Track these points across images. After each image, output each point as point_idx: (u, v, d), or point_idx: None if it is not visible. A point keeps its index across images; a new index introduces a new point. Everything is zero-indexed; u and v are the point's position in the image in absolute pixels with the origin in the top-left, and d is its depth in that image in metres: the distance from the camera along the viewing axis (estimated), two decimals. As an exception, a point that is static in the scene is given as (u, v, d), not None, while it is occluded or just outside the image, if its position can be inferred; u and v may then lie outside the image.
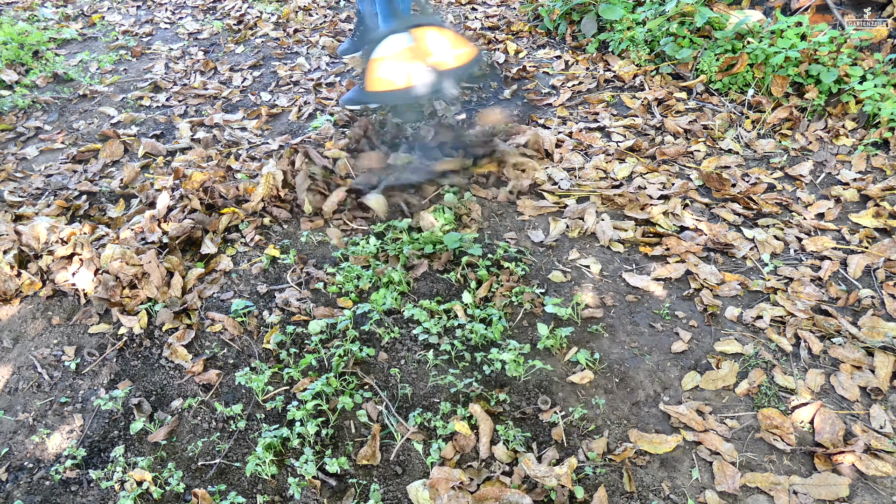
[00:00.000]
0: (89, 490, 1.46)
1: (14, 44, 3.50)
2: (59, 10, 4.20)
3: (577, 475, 1.46)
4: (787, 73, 2.79)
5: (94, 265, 1.96)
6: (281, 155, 2.49)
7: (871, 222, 2.20)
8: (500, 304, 1.89)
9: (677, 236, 2.13)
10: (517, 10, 4.06)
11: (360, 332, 1.83)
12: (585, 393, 1.66)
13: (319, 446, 1.54)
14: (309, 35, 3.82)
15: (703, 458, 1.50)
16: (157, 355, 1.79)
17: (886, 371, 1.67)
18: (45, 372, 1.74)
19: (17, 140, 2.83)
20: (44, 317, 1.90)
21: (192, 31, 3.96)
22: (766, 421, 1.57)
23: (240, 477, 1.49)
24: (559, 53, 3.44)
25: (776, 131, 2.72)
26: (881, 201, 2.28)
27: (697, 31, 3.13)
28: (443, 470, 1.44)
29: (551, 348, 1.77)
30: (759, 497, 1.42)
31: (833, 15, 3.04)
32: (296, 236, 2.20)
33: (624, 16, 3.31)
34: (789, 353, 1.75)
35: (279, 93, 3.20)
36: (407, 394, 1.66)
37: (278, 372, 1.72)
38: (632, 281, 1.98)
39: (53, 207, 2.29)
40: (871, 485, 1.44)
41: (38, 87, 3.27)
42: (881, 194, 2.31)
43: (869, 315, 1.83)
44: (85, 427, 1.60)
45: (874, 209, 2.24)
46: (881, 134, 2.55)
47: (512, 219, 2.25)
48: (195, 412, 1.63)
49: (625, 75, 3.13)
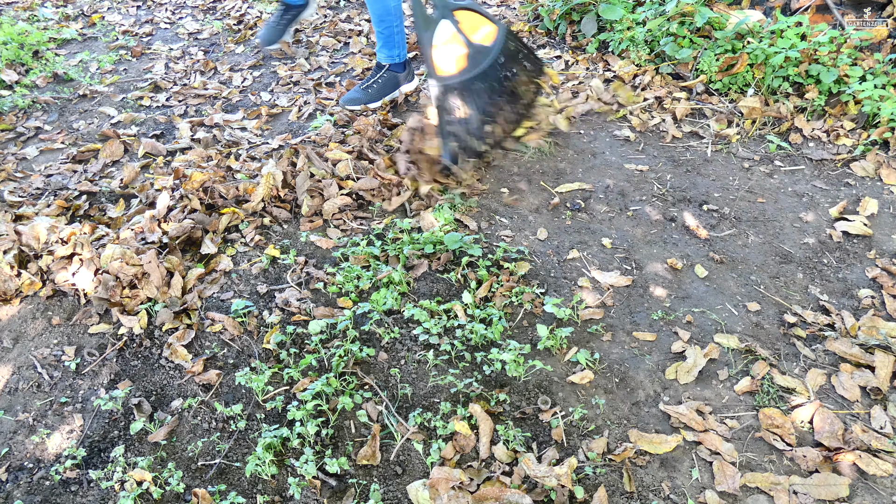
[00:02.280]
0: (89, 490, 1.46)
1: (14, 44, 3.50)
2: (59, 10, 4.20)
3: (577, 475, 1.46)
4: (787, 73, 2.79)
5: (94, 265, 1.96)
6: (281, 155, 2.49)
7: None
8: (500, 304, 1.89)
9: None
10: (517, 10, 4.06)
11: (360, 332, 1.83)
12: (585, 393, 1.66)
13: (319, 446, 1.54)
14: (309, 35, 3.82)
15: (703, 458, 1.50)
16: (157, 355, 1.79)
17: (886, 371, 1.67)
18: (45, 372, 1.74)
19: (17, 140, 2.83)
20: (44, 317, 1.90)
21: (192, 31, 3.96)
22: (766, 420, 1.57)
23: (240, 477, 1.49)
24: (559, 53, 3.44)
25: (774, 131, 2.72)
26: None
27: (697, 31, 3.13)
28: (443, 470, 1.44)
29: (551, 348, 1.77)
30: (759, 497, 1.42)
31: (833, 15, 3.04)
32: (296, 236, 2.20)
33: (624, 16, 3.31)
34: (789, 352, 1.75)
35: (279, 93, 3.20)
36: (407, 394, 1.66)
37: (278, 372, 1.72)
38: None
39: (53, 207, 2.29)
40: (872, 485, 1.44)
41: (38, 87, 3.27)
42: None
43: (869, 315, 1.84)
44: (85, 427, 1.60)
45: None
46: (881, 134, 2.55)
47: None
48: (195, 412, 1.63)
49: (625, 75, 3.13)
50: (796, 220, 2.25)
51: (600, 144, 2.68)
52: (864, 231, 2.16)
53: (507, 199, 2.34)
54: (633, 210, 2.31)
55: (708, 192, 2.39)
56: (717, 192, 2.38)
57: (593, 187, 2.42)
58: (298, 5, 3.50)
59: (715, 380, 1.69)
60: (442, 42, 2.22)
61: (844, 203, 2.28)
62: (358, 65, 3.41)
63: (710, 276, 2.02)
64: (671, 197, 2.36)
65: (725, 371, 1.71)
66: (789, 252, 2.11)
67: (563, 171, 2.50)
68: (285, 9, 3.49)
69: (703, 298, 1.94)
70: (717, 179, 2.46)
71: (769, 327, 1.84)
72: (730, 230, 2.21)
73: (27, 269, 1.99)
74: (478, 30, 2.28)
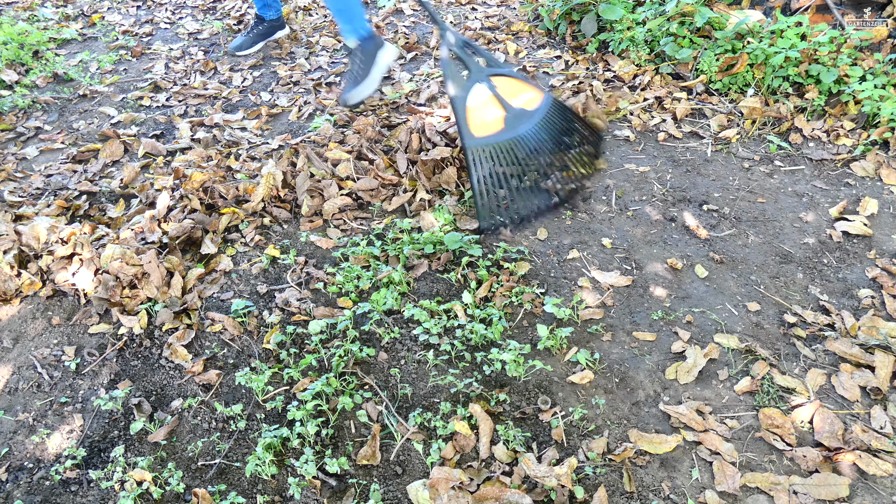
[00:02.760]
0: (89, 490, 1.46)
1: (14, 44, 3.50)
2: (59, 10, 4.20)
3: (577, 475, 1.46)
4: (787, 73, 2.79)
5: (95, 265, 1.96)
6: (281, 155, 2.49)
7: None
8: (500, 304, 1.89)
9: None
10: (517, 10, 4.06)
11: (360, 332, 1.83)
12: (585, 393, 1.66)
13: (319, 446, 1.54)
14: (309, 35, 3.82)
15: (703, 458, 1.50)
16: (157, 355, 1.79)
17: (886, 371, 1.67)
18: (45, 372, 1.74)
19: (17, 140, 2.83)
20: (44, 317, 1.90)
21: (192, 31, 3.96)
22: (766, 420, 1.57)
23: (240, 477, 1.49)
24: (559, 53, 3.44)
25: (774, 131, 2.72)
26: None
27: (697, 31, 3.13)
28: (443, 470, 1.44)
29: (551, 348, 1.77)
30: (759, 497, 1.42)
31: (833, 15, 3.04)
32: (296, 236, 2.20)
33: (624, 16, 3.31)
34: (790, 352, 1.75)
35: (279, 93, 3.20)
36: (407, 394, 1.66)
37: (278, 372, 1.72)
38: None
39: (53, 207, 2.29)
40: (872, 485, 1.44)
41: (38, 87, 3.27)
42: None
43: (869, 315, 1.84)
44: (85, 427, 1.60)
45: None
46: (881, 134, 2.55)
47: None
48: (195, 412, 1.63)
49: (625, 75, 3.13)
50: (796, 220, 2.25)
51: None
52: (864, 231, 2.16)
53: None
54: (633, 210, 2.31)
55: (708, 192, 2.39)
56: (717, 192, 2.38)
57: (593, 187, 2.42)
58: (272, 20, 3.53)
59: (715, 380, 1.69)
60: (476, 104, 2.11)
61: (844, 203, 2.28)
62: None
63: (710, 276, 2.02)
64: (671, 197, 2.36)
65: (725, 371, 1.71)
66: (789, 252, 2.11)
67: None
68: (258, 20, 3.53)
69: (703, 298, 1.94)
70: (717, 179, 2.46)
71: (769, 327, 1.84)
72: (730, 230, 2.21)
73: (27, 269, 1.99)
74: (518, 95, 2.17)
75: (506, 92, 2.15)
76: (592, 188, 2.39)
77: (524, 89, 2.19)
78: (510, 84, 2.18)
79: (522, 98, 2.17)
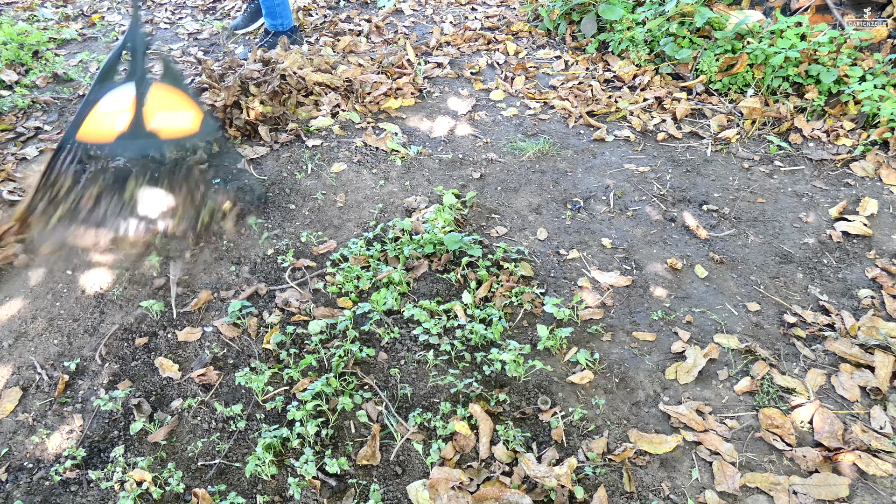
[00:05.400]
0: (89, 490, 1.46)
1: (14, 44, 3.50)
2: (59, 10, 4.20)
3: (576, 475, 1.46)
4: (787, 73, 2.79)
5: (94, 265, 1.96)
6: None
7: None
8: (499, 305, 1.89)
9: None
10: (517, 10, 4.06)
11: (360, 332, 1.83)
12: (585, 393, 1.66)
13: (319, 446, 1.54)
14: (309, 35, 3.82)
15: (703, 458, 1.50)
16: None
17: (886, 371, 1.67)
18: (44, 372, 1.74)
19: (17, 140, 2.83)
20: (44, 316, 1.89)
21: (192, 31, 3.95)
22: (766, 421, 1.57)
23: (240, 477, 1.49)
24: (559, 53, 3.44)
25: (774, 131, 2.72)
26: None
27: (697, 32, 3.13)
28: (443, 470, 1.44)
29: (551, 348, 1.77)
30: (758, 497, 1.42)
31: (833, 15, 3.04)
32: (296, 236, 2.20)
33: (624, 16, 3.31)
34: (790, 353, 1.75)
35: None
36: (407, 394, 1.66)
37: (278, 372, 1.72)
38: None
39: (53, 207, 2.29)
40: (871, 485, 1.44)
41: (38, 87, 3.27)
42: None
43: (869, 315, 1.84)
44: (85, 427, 1.60)
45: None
46: (881, 134, 2.55)
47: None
48: (195, 412, 1.63)
49: (625, 75, 3.13)
50: (796, 221, 2.25)
51: (600, 144, 2.68)
52: (864, 231, 2.16)
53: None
54: (633, 210, 2.31)
55: (708, 193, 2.39)
56: (717, 193, 2.38)
57: (593, 187, 2.42)
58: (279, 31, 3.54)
59: (715, 380, 1.69)
60: (107, 109, 1.94)
61: (844, 203, 2.28)
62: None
63: (710, 276, 2.02)
64: (671, 197, 2.37)
65: (725, 371, 1.71)
66: (789, 252, 2.11)
67: (564, 171, 2.50)
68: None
69: (703, 298, 1.94)
70: (717, 180, 2.46)
71: (769, 327, 1.84)
72: (730, 230, 2.21)
73: (27, 269, 1.99)
74: (170, 111, 1.98)
75: (157, 105, 1.98)
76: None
77: (183, 107, 2.01)
78: (170, 98, 2.00)
79: (169, 118, 1.99)
